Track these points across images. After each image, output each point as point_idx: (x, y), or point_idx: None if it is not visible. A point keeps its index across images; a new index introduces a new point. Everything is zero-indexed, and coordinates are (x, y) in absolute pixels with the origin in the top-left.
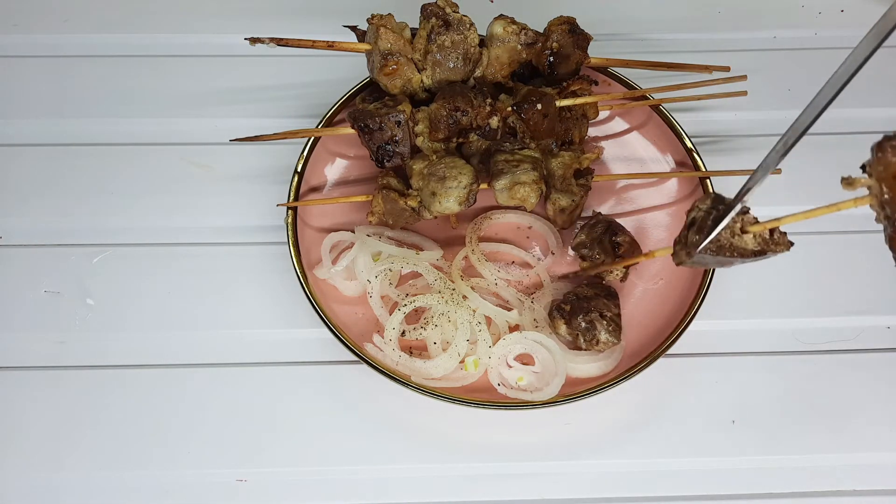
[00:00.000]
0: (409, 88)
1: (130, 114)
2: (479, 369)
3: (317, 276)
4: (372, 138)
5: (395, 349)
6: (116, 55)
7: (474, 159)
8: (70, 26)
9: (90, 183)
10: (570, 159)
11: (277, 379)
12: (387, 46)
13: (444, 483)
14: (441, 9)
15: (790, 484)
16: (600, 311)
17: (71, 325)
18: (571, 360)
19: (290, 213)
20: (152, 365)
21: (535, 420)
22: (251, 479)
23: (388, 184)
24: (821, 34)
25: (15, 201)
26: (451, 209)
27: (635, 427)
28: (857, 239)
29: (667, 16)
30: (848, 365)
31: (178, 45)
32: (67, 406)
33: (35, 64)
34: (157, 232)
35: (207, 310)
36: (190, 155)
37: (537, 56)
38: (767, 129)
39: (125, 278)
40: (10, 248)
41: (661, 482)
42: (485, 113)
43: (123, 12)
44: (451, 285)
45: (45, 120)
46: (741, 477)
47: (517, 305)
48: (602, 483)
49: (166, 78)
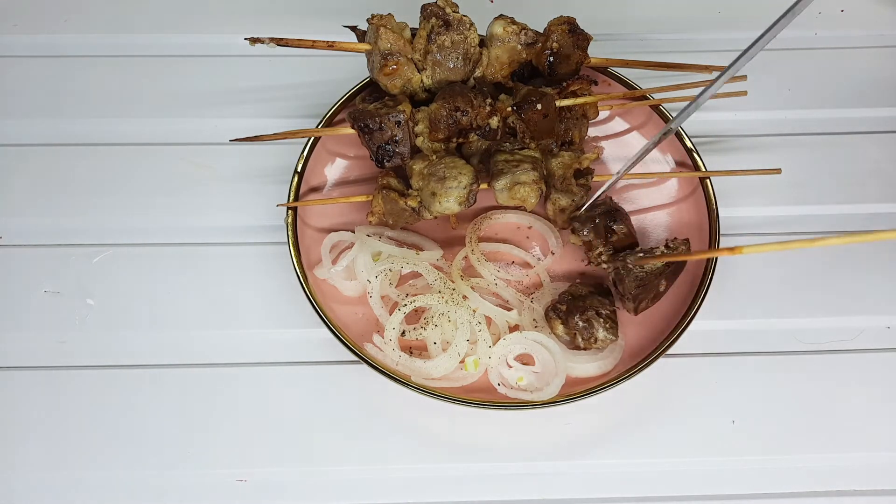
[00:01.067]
0: (409, 88)
1: (130, 114)
2: (479, 369)
3: (317, 276)
4: (372, 138)
5: (395, 349)
6: (116, 55)
7: (474, 159)
8: (70, 26)
9: (90, 183)
10: (570, 159)
11: (277, 379)
12: (387, 46)
13: (444, 483)
14: (441, 9)
15: (790, 484)
16: (596, 310)
17: (71, 325)
18: (571, 360)
19: (290, 213)
20: (152, 365)
21: (536, 420)
22: (251, 479)
23: (388, 184)
24: (821, 34)
25: (15, 201)
26: (451, 209)
27: (635, 427)
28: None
29: (667, 16)
30: (848, 365)
31: (178, 45)
32: (67, 406)
33: (35, 64)
34: (158, 232)
35: (207, 310)
36: (190, 155)
37: (537, 56)
38: (767, 129)
39: (125, 278)
40: (10, 248)
41: (661, 482)
42: (485, 113)
43: (123, 12)
44: (451, 285)
45: (45, 120)
46: (741, 477)
47: (517, 305)
48: (602, 483)
49: (166, 78)
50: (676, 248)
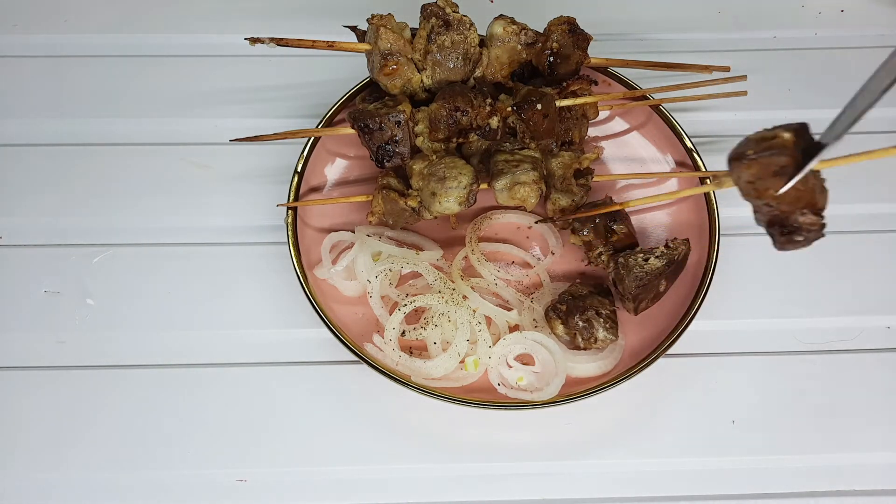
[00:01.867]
0: (409, 88)
1: (130, 114)
2: (479, 369)
3: (317, 276)
4: (372, 138)
5: (395, 349)
6: (116, 55)
7: (474, 159)
8: (69, 26)
9: (90, 183)
10: (570, 159)
11: (277, 379)
12: (387, 46)
13: (444, 483)
14: (441, 9)
15: (790, 484)
16: (596, 309)
17: (71, 325)
18: (571, 360)
19: (290, 214)
20: (152, 365)
21: (536, 420)
22: (251, 479)
23: (388, 184)
24: (821, 34)
25: (15, 201)
26: (451, 209)
27: (635, 427)
28: (858, 239)
29: (667, 16)
30: (848, 365)
31: (178, 45)
32: (67, 406)
33: (35, 64)
34: (157, 232)
35: (207, 310)
36: (190, 155)
37: (537, 56)
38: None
39: (125, 278)
40: (10, 248)
41: (661, 482)
42: (485, 113)
43: (123, 12)
44: (451, 285)
45: (45, 120)
46: (741, 477)
47: (517, 305)
48: (602, 483)
49: (166, 78)
50: (677, 248)
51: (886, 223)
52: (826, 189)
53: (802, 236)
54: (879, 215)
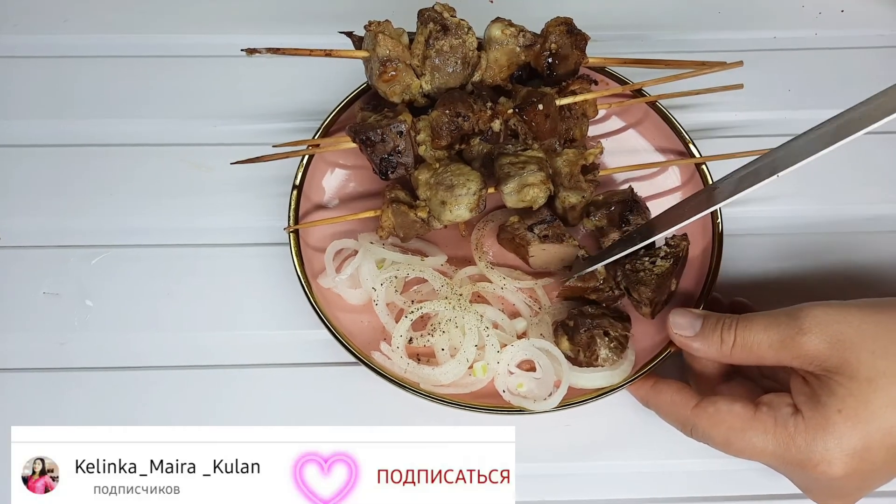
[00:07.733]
0: (409, 94)
1: (130, 114)
2: (488, 374)
3: (321, 285)
4: (374, 151)
5: (402, 357)
6: (116, 55)
7: (475, 164)
8: (70, 26)
9: (90, 183)
10: (575, 156)
11: (279, 381)
12: (385, 53)
13: None
14: (439, 13)
15: (790, 484)
16: (604, 329)
17: (71, 326)
18: (577, 371)
19: (292, 219)
20: (152, 366)
21: (536, 422)
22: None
23: (397, 197)
24: (821, 34)
25: (15, 201)
26: (462, 217)
27: (635, 428)
28: (857, 239)
29: (666, 15)
30: None
31: (178, 45)
32: (67, 407)
33: (35, 64)
34: (157, 233)
35: (208, 311)
36: (190, 156)
37: (536, 58)
38: (767, 129)
39: (125, 279)
40: (10, 248)
41: (661, 483)
42: (486, 117)
43: (123, 12)
44: (457, 290)
45: (45, 120)
46: (741, 477)
47: (525, 312)
48: (602, 484)
49: (166, 78)
50: (677, 247)
51: (888, 224)
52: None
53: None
54: (881, 216)
